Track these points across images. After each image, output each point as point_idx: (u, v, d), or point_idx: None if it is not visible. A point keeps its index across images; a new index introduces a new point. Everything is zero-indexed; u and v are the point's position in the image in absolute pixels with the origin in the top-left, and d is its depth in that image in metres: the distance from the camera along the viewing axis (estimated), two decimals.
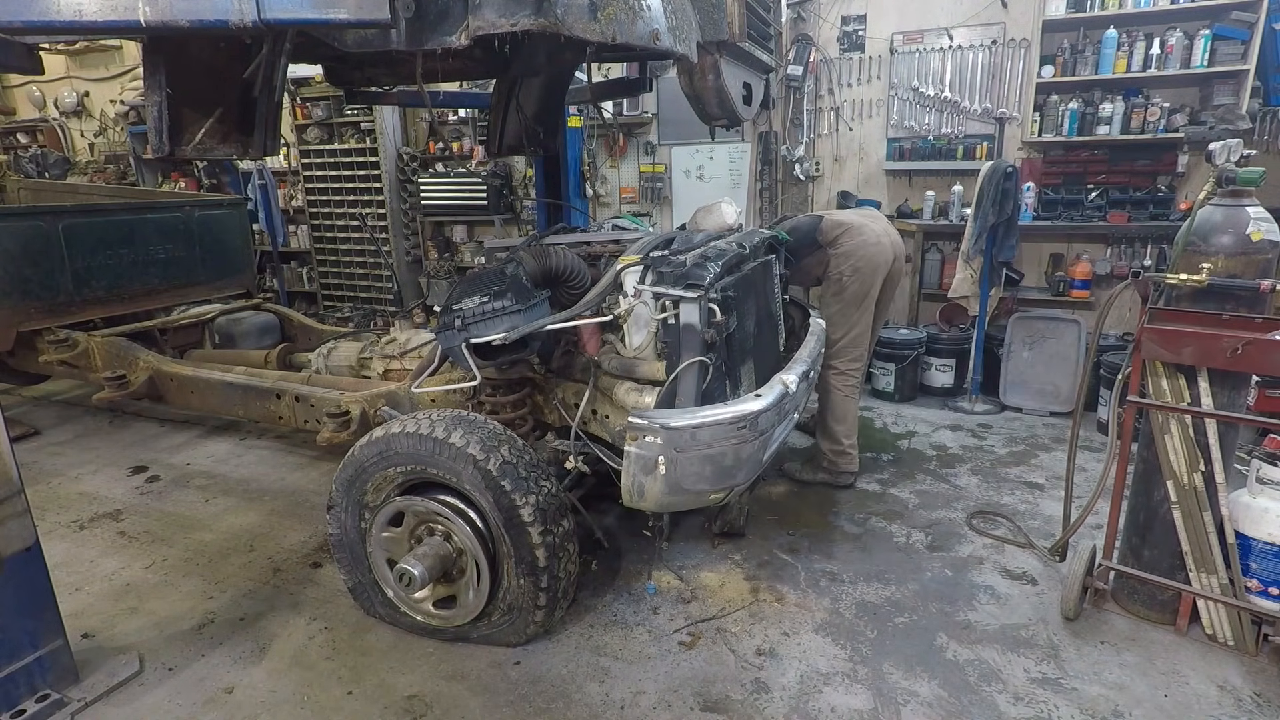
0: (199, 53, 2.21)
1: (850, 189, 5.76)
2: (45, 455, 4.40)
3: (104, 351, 4.10)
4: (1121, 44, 4.62)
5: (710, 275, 2.45)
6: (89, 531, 3.45)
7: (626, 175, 6.56)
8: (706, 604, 2.77)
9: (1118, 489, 2.58)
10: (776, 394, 2.38)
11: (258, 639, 2.63)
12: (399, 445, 2.39)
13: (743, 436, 2.27)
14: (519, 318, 2.46)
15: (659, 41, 2.20)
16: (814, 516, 3.42)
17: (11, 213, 4.56)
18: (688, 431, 2.21)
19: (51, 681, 2.28)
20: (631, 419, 2.22)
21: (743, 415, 2.26)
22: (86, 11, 1.73)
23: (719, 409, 2.27)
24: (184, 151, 2.30)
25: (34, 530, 2.21)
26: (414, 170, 7.12)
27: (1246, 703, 2.22)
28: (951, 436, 4.38)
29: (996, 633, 2.57)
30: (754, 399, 2.34)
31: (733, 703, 2.27)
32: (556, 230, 3.63)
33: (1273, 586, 2.39)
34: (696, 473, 2.27)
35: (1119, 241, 5.06)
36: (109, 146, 8.32)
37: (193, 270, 4.98)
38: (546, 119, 4.15)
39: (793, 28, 5.59)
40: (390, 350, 3.73)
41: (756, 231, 3.45)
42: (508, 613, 2.45)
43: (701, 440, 2.22)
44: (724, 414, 2.25)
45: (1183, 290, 2.38)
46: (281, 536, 3.36)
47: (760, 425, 2.31)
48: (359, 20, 1.78)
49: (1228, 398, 2.37)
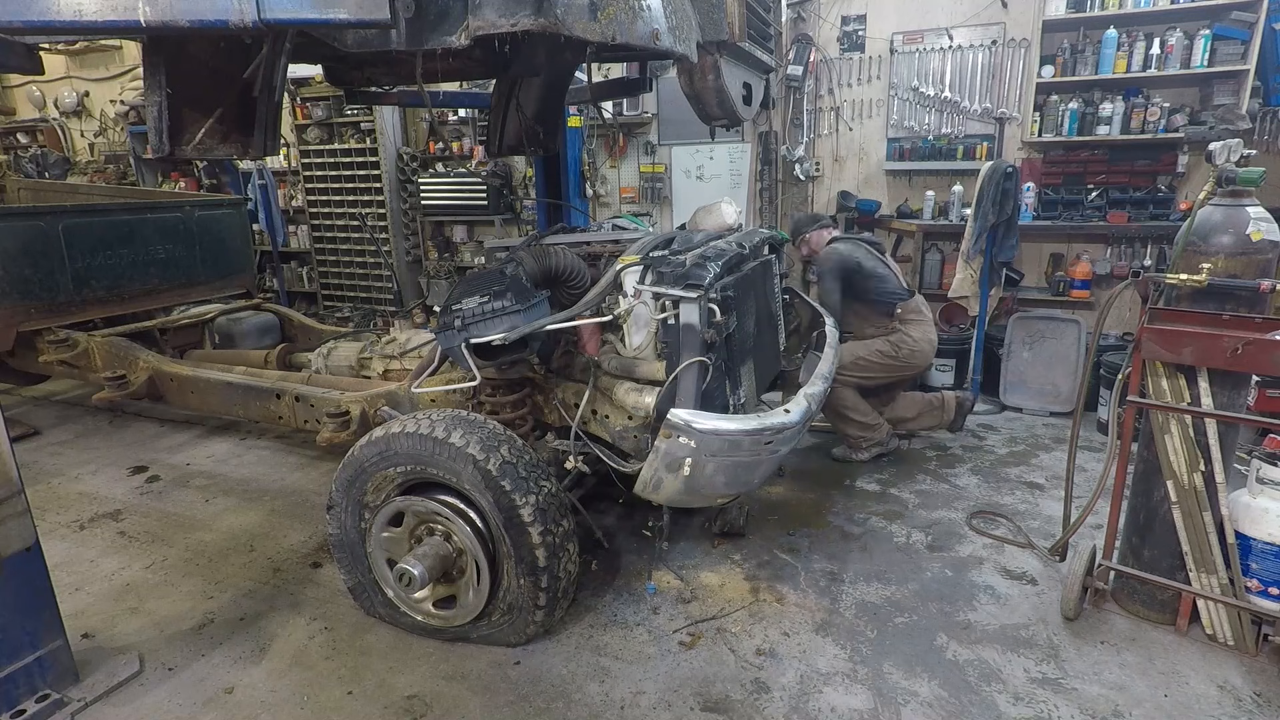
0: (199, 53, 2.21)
1: (850, 189, 5.76)
2: (45, 455, 4.40)
3: (104, 351, 4.10)
4: (1121, 44, 4.62)
5: (710, 275, 2.45)
6: (89, 531, 3.45)
7: (626, 175, 6.56)
8: (706, 604, 2.77)
9: (1118, 489, 2.58)
10: (803, 411, 2.41)
11: (258, 639, 2.63)
12: (399, 445, 2.39)
13: (768, 449, 2.29)
14: (519, 318, 2.46)
15: (659, 41, 2.20)
16: (814, 516, 3.42)
17: (11, 213, 4.56)
18: (722, 439, 2.21)
19: (51, 681, 2.28)
20: (671, 415, 2.19)
21: (773, 427, 2.27)
22: (86, 11, 1.73)
23: (753, 419, 2.28)
24: (184, 151, 2.30)
25: (34, 530, 2.21)
26: (414, 170, 7.12)
27: (1246, 703, 2.22)
28: (951, 436, 4.38)
29: (996, 633, 2.58)
30: (783, 413, 2.35)
31: (733, 703, 2.27)
32: (556, 230, 3.63)
33: (1273, 586, 2.39)
34: (717, 477, 2.28)
35: (1119, 241, 5.05)
36: (109, 146, 8.32)
37: (193, 270, 4.98)
38: (546, 119, 4.15)
39: (793, 28, 5.59)
40: (390, 350, 3.73)
41: (756, 231, 3.45)
42: (508, 613, 2.45)
43: (730, 448, 2.23)
44: (757, 425, 2.25)
45: (1183, 290, 2.38)
46: (281, 536, 3.36)
47: (785, 439, 2.33)
48: (359, 20, 1.78)
49: (1228, 398, 2.37)
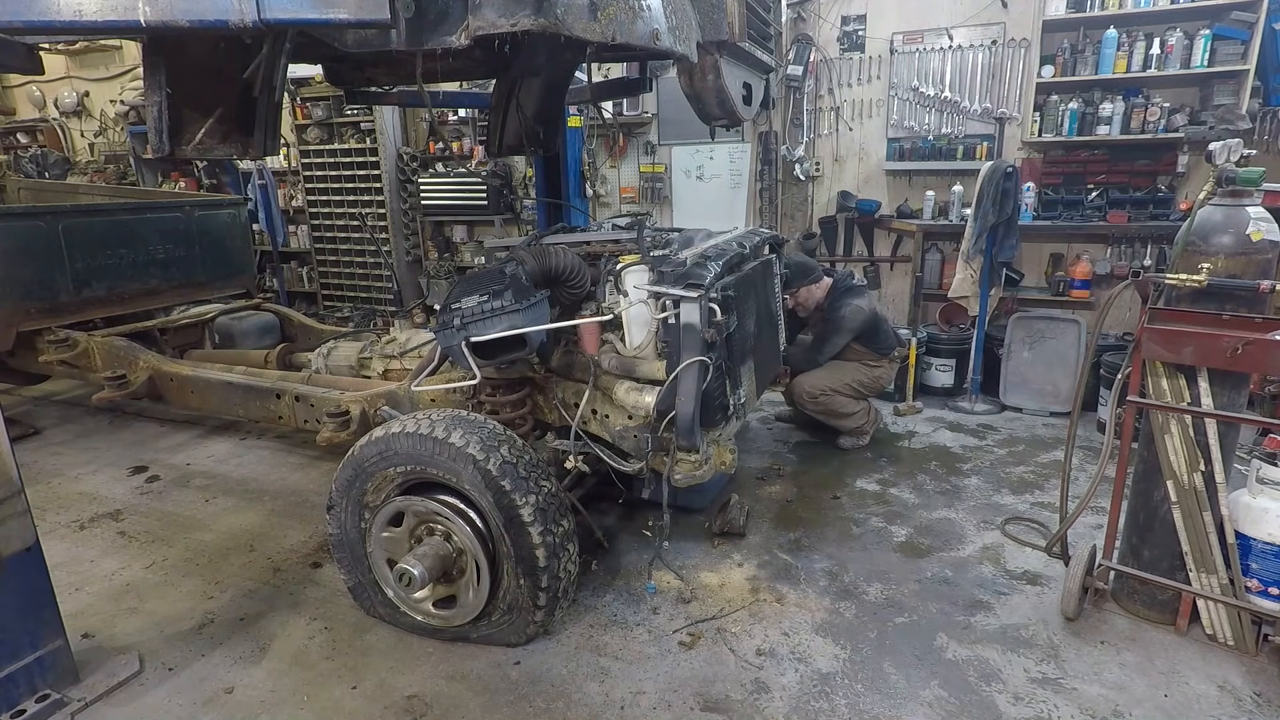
0: (199, 53, 2.22)
1: (850, 189, 5.76)
2: (45, 455, 4.40)
3: (104, 351, 4.09)
4: (1121, 44, 4.61)
5: (710, 275, 2.45)
6: (89, 531, 3.45)
7: (626, 175, 6.56)
8: (706, 604, 2.77)
9: (1118, 489, 2.58)
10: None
11: (258, 639, 2.63)
12: (399, 445, 2.38)
13: None
14: (518, 317, 2.46)
15: (659, 41, 2.20)
16: (814, 516, 3.42)
17: (11, 213, 4.56)
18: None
19: (51, 681, 2.28)
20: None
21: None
22: (86, 11, 1.73)
23: None
24: (184, 151, 2.31)
25: (34, 530, 2.21)
26: (414, 170, 7.12)
27: (1246, 703, 2.22)
28: (952, 436, 4.38)
29: (996, 633, 2.57)
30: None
31: (733, 703, 2.27)
32: (556, 230, 3.63)
33: (1273, 586, 2.38)
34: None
35: (1119, 241, 5.05)
36: (109, 146, 8.32)
37: (193, 270, 4.97)
38: (546, 119, 4.15)
39: (793, 28, 5.59)
40: (390, 350, 3.72)
41: (757, 231, 3.46)
42: (508, 613, 2.44)
43: None
44: None
45: (1183, 290, 2.38)
46: (281, 536, 3.36)
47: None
48: (359, 20, 1.78)
49: (1228, 398, 2.37)
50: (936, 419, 4.67)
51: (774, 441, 4.36)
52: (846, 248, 5.90)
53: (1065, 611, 2.62)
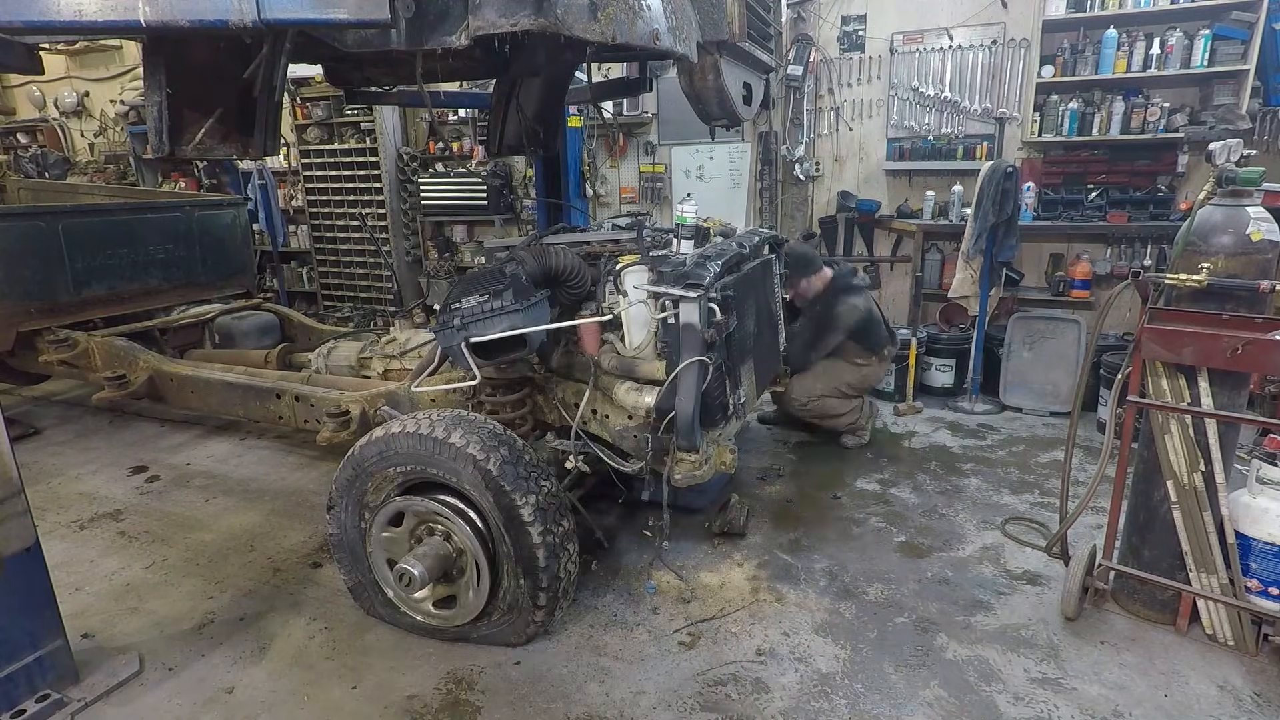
0: (199, 53, 2.22)
1: (850, 189, 5.76)
2: (45, 455, 4.39)
3: (104, 351, 4.09)
4: (1121, 44, 4.61)
5: (710, 275, 2.45)
6: (89, 531, 3.45)
7: (626, 175, 6.56)
8: (706, 604, 2.77)
9: (1118, 489, 2.58)
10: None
11: (258, 639, 2.63)
12: (399, 445, 2.39)
13: None
14: (518, 317, 2.46)
15: (659, 41, 2.20)
16: (814, 516, 3.42)
17: (11, 213, 4.55)
18: None
19: (51, 681, 2.28)
20: None
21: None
22: (86, 11, 1.74)
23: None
24: (184, 151, 2.31)
25: (34, 530, 2.21)
26: (414, 170, 7.12)
27: (1246, 703, 2.22)
28: (952, 436, 4.38)
29: (996, 633, 2.57)
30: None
31: (733, 702, 2.27)
32: (556, 230, 3.63)
33: (1273, 586, 2.38)
34: None
35: (1119, 241, 5.05)
36: (109, 146, 8.32)
37: (193, 270, 4.98)
38: (546, 119, 4.15)
39: (793, 28, 5.59)
40: (390, 350, 3.73)
41: (757, 231, 3.46)
42: (508, 613, 2.44)
43: None
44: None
45: (1183, 290, 2.37)
46: (281, 536, 3.36)
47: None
48: (359, 20, 1.78)
49: (1228, 398, 2.37)
50: (936, 419, 4.67)
51: (774, 441, 4.36)
52: (846, 248, 5.89)
53: (1065, 611, 2.62)
